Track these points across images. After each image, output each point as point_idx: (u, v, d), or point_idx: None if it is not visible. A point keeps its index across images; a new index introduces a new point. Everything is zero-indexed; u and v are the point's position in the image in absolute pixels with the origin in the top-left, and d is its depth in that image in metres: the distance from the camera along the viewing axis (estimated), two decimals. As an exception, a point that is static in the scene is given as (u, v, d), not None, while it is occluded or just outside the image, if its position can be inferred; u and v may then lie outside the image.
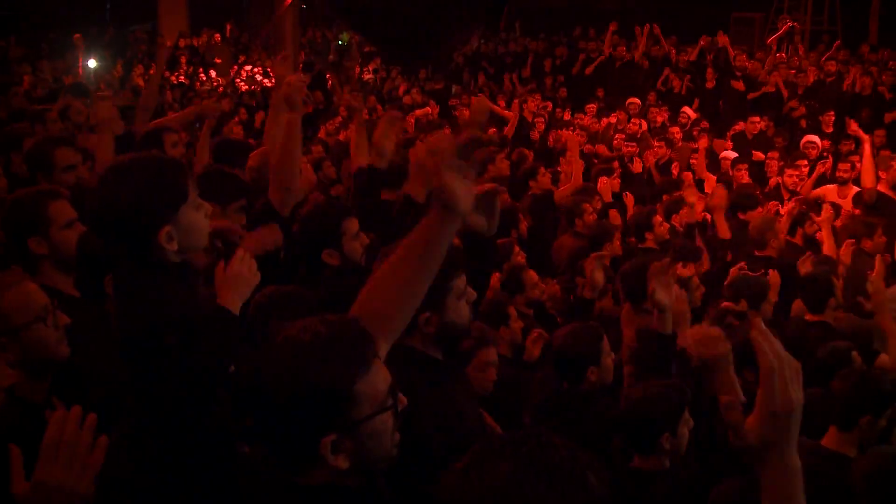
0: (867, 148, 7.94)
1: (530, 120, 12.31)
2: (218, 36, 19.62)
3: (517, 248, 5.81)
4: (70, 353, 2.87)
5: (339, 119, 12.64)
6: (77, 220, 3.45)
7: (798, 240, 6.98)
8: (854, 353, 4.47)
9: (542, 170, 8.41)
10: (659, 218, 6.76)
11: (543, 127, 11.96)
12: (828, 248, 6.68)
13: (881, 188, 7.94)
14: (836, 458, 3.55)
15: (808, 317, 5.28)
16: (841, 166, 8.73)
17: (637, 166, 9.77)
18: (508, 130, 10.85)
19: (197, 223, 2.70)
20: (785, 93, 12.80)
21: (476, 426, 2.86)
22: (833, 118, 11.42)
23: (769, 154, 10.10)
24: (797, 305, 5.65)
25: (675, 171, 9.68)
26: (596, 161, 9.94)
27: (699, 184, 8.97)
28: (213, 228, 3.01)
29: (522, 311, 5.08)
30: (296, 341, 1.80)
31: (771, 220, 6.71)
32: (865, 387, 3.66)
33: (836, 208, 7.70)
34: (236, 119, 13.06)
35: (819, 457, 3.58)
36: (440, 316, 2.61)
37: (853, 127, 8.88)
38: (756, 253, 6.41)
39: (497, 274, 5.53)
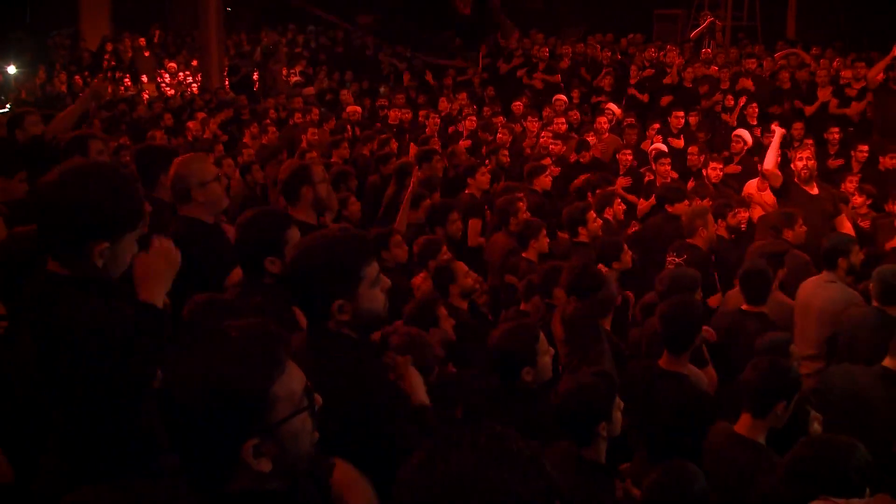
0: (777, 137, 8.04)
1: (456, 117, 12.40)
2: (143, 40, 19.31)
3: (444, 248, 5.82)
4: None
5: (267, 121, 12.57)
6: None
7: (722, 231, 7.12)
8: (792, 347, 4.59)
9: (483, 169, 8.45)
10: (593, 214, 6.83)
11: (474, 125, 11.99)
12: None
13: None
14: (751, 444, 3.71)
15: (744, 307, 5.38)
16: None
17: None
18: None
19: (127, 253, 2.72)
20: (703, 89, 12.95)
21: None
22: (756, 111, 11.65)
23: (689, 149, 10.18)
24: (734, 294, 5.78)
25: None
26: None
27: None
28: None
29: (457, 306, 5.11)
30: (207, 349, 1.79)
31: (703, 209, 6.85)
32: (777, 375, 3.78)
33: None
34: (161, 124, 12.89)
35: (734, 443, 3.75)
36: (354, 304, 2.62)
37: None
38: (687, 241, 6.56)
39: (423, 273, 5.55)
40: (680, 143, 10.71)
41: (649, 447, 4.10)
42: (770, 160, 7.77)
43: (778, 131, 8.12)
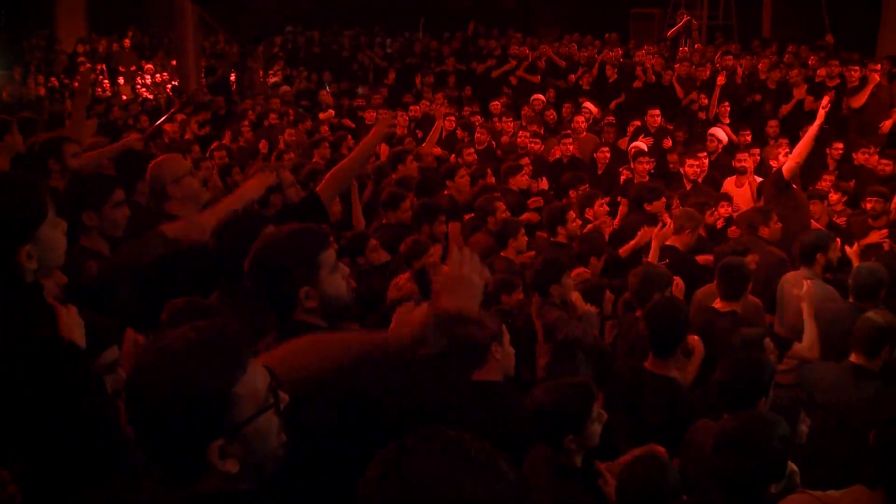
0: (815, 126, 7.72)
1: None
2: (127, 42, 19.20)
3: (431, 250, 5.81)
4: None
5: (246, 122, 12.52)
6: None
7: (700, 230, 7.14)
8: (766, 340, 4.61)
9: (462, 171, 8.44)
10: (573, 214, 6.84)
11: (453, 125, 11.98)
12: None
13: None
14: None
15: (717, 305, 5.37)
16: (739, 156, 8.97)
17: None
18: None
19: (55, 241, 2.73)
20: (680, 92, 12.93)
21: None
22: (728, 110, 11.70)
23: (669, 157, 10.11)
24: (703, 293, 5.81)
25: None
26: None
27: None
28: None
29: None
30: (168, 351, 1.78)
31: (698, 217, 6.82)
32: (752, 372, 3.80)
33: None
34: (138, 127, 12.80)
35: None
36: (318, 290, 2.68)
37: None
38: (667, 243, 6.56)
39: (407, 274, 5.55)
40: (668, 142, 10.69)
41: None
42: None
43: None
